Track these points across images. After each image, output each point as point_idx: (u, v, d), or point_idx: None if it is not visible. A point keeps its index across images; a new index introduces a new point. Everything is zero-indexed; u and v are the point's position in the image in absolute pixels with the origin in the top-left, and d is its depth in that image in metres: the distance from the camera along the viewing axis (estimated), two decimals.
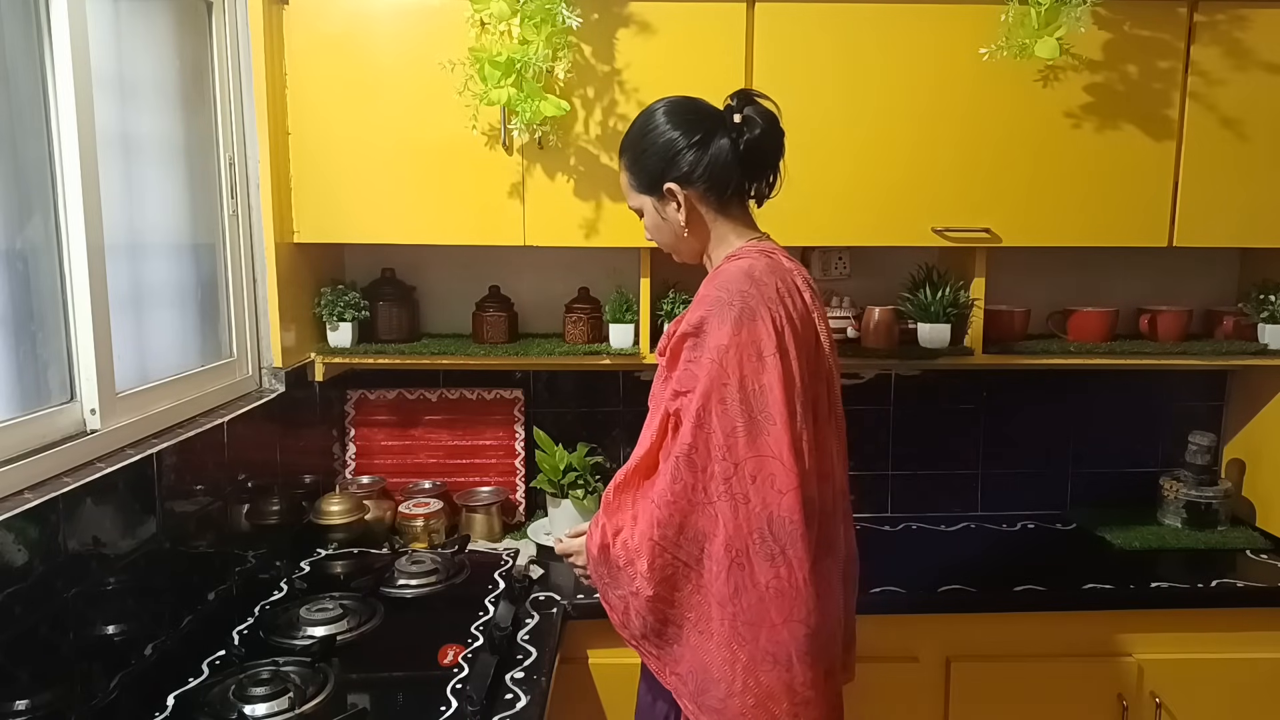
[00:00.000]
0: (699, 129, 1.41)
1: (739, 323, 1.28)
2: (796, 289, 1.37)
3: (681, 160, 1.40)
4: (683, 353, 1.35)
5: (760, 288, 1.31)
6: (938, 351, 2.13)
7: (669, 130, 1.41)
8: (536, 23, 1.82)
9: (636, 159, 1.45)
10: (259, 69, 1.88)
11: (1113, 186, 2.02)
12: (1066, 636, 1.95)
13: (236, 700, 1.39)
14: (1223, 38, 1.98)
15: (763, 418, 1.27)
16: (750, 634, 1.29)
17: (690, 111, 1.44)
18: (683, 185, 1.41)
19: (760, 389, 1.27)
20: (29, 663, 1.18)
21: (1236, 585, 1.99)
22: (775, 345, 1.28)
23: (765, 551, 1.28)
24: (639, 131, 1.45)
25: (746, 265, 1.35)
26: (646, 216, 1.49)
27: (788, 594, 1.28)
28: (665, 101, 1.46)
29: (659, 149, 1.41)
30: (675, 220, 1.44)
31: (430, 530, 2.16)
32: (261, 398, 1.90)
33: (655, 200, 1.45)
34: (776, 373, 1.27)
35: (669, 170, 1.41)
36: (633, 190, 1.48)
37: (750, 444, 1.27)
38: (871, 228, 2.04)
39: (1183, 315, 2.22)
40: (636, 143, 1.45)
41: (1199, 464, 2.27)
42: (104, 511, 1.35)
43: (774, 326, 1.29)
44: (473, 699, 1.43)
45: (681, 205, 1.42)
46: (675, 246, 1.50)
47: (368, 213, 2.00)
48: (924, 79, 1.98)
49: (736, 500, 1.28)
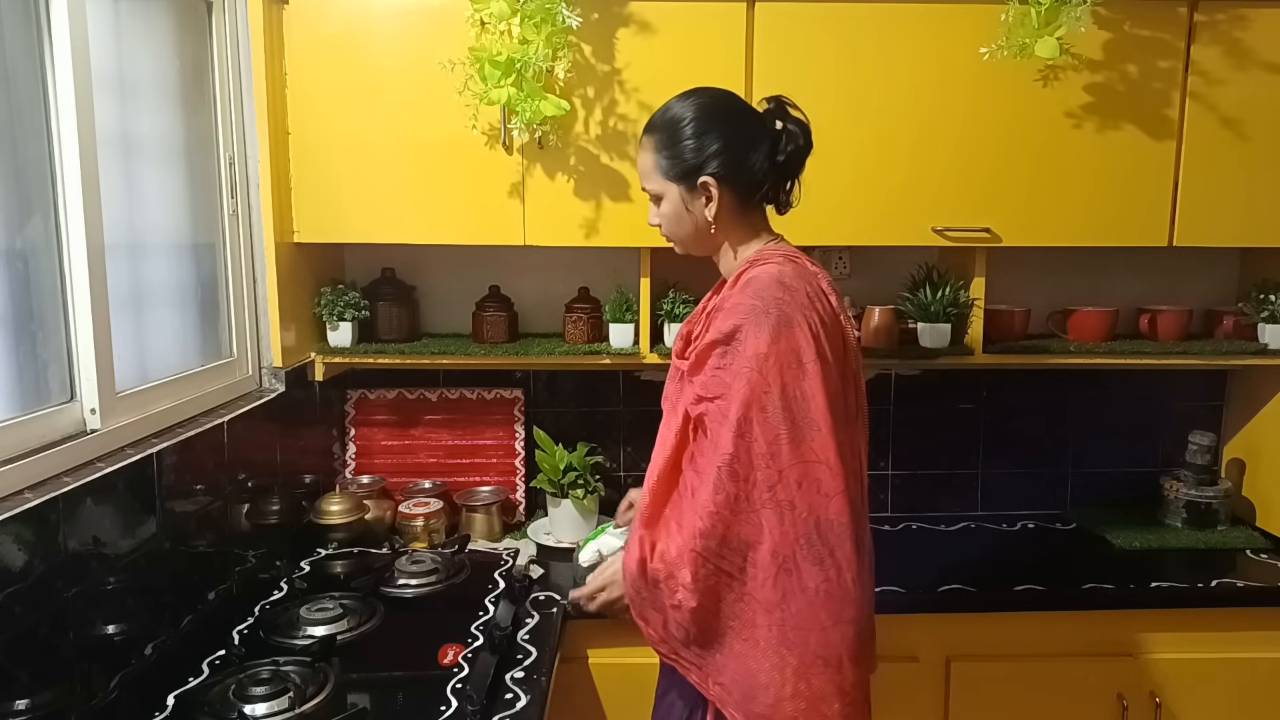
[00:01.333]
0: (746, 129, 1.40)
1: (777, 330, 1.28)
2: (823, 292, 1.37)
3: (726, 157, 1.38)
4: (710, 359, 1.34)
5: (793, 294, 1.31)
6: (938, 351, 2.13)
7: (717, 124, 1.39)
8: (536, 22, 1.82)
9: (674, 144, 1.40)
10: (259, 69, 1.88)
11: (1113, 186, 2.02)
12: (1066, 636, 1.95)
13: (236, 700, 1.39)
14: (1223, 37, 1.98)
15: (805, 424, 1.27)
16: (800, 638, 1.30)
17: (739, 109, 1.43)
18: (720, 182, 1.39)
19: (802, 395, 1.27)
20: (29, 662, 1.18)
21: (1236, 585, 1.99)
22: (815, 351, 1.28)
23: (814, 555, 1.28)
24: (676, 120, 1.41)
25: (776, 271, 1.34)
26: (667, 204, 1.44)
27: (836, 595, 1.29)
28: (709, 93, 1.44)
29: (703, 141, 1.39)
30: (702, 214, 1.42)
31: (430, 530, 2.16)
32: (261, 397, 1.90)
33: (684, 190, 1.42)
34: (818, 379, 1.28)
35: (710, 164, 1.39)
36: (658, 175, 1.43)
37: (794, 450, 1.27)
38: (871, 227, 2.04)
39: (1183, 315, 2.22)
40: (677, 129, 1.40)
41: (1199, 464, 2.27)
42: (104, 511, 1.35)
43: (811, 332, 1.29)
44: (473, 699, 1.43)
45: (714, 200, 1.40)
46: (690, 239, 1.47)
47: (368, 212, 2.00)
48: (924, 79, 1.98)
49: (782, 507, 1.28)
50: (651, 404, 1.30)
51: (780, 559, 1.28)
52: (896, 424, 2.44)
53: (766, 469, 1.28)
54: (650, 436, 1.51)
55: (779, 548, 1.28)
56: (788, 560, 1.28)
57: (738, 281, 1.38)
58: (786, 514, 1.28)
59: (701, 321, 1.45)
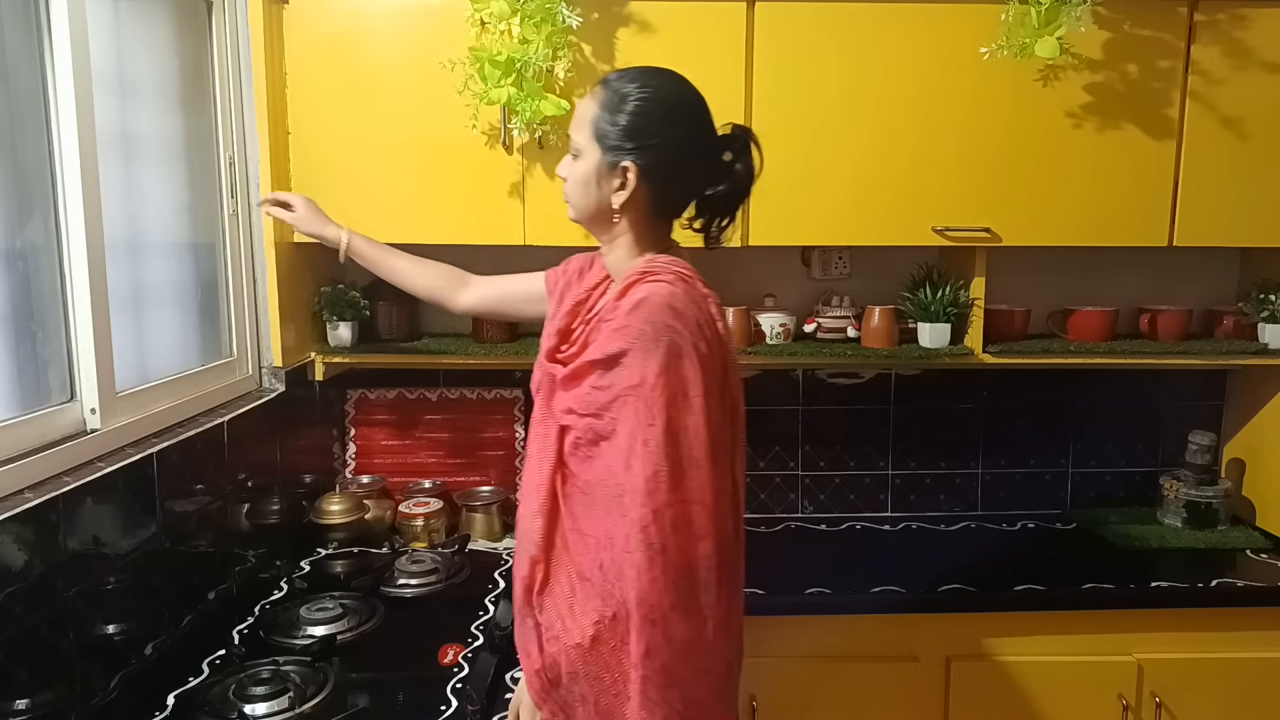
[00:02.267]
0: (695, 142, 1.32)
1: (667, 361, 1.19)
2: (712, 319, 1.28)
3: (660, 156, 1.29)
4: (590, 377, 1.26)
5: (685, 321, 1.22)
6: (938, 351, 2.13)
7: (670, 119, 1.30)
8: (536, 22, 1.82)
9: (614, 112, 1.29)
10: (259, 69, 1.88)
11: (1113, 186, 2.02)
12: (1066, 636, 1.95)
13: (236, 700, 1.39)
14: (1223, 37, 1.98)
15: (687, 460, 1.19)
16: (661, 696, 1.19)
17: (700, 119, 1.34)
18: (642, 177, 1.29)
19: (685, 430, 1.19)
20: (29, 662, 1.18)
21: (1236, 585, 1.99)
22: (702, 386, 1.21)
23: (681, 604, 1.19)
24: (640, 89, 1.29)
25: (668, 294, 1.23)
26: (582, 164, 1.33)
27: (699, 648, 1.21)
28: (681, 86, 1.33)
29: (648, 125, 1.28)
30: (607, 197, 1.32)
31: (430, 530, 2.16)
32: (261, 397, 1.90)
33: (604, 161, 1.30)
34: (702, 414, 1.20)
35: (644, 155, 1.28)
36: (589, 130, 1.31)
37: (673, 489, 1.18)
38: (872, 227, 2.04)
39: (1183, 315, 2.22)
40: (630, 97, 1.29)
41: (1199, 463, 2.27)
42: (104, 511, 1.35)
43: (699, 364, 1.21)
44: (473, 698, 1.43)
45: (626, 190, 1.30)
46: (587, 213, 1.36)
47: (368, 212, 2.00)
48: (924, 79, 1.98)
49: (653, 550, 1.17)
50: None
51: (646, 609, 1.18)
52: (896, 424, 2.44)
53: (642, 508, 1.18)
54: None
55: (646, 595, 1.18)
56: (654, 610, 1.18)
57: (625, 294, 1.27)
58: (657, 559, 1.17)
59: (582, 324, 1.36)
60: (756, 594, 1.93)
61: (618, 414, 1.22)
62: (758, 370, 2.39)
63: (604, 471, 1.24)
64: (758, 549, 2.23)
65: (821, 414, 2.43)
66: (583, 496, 1.28)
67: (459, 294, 1.79)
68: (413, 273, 1.79)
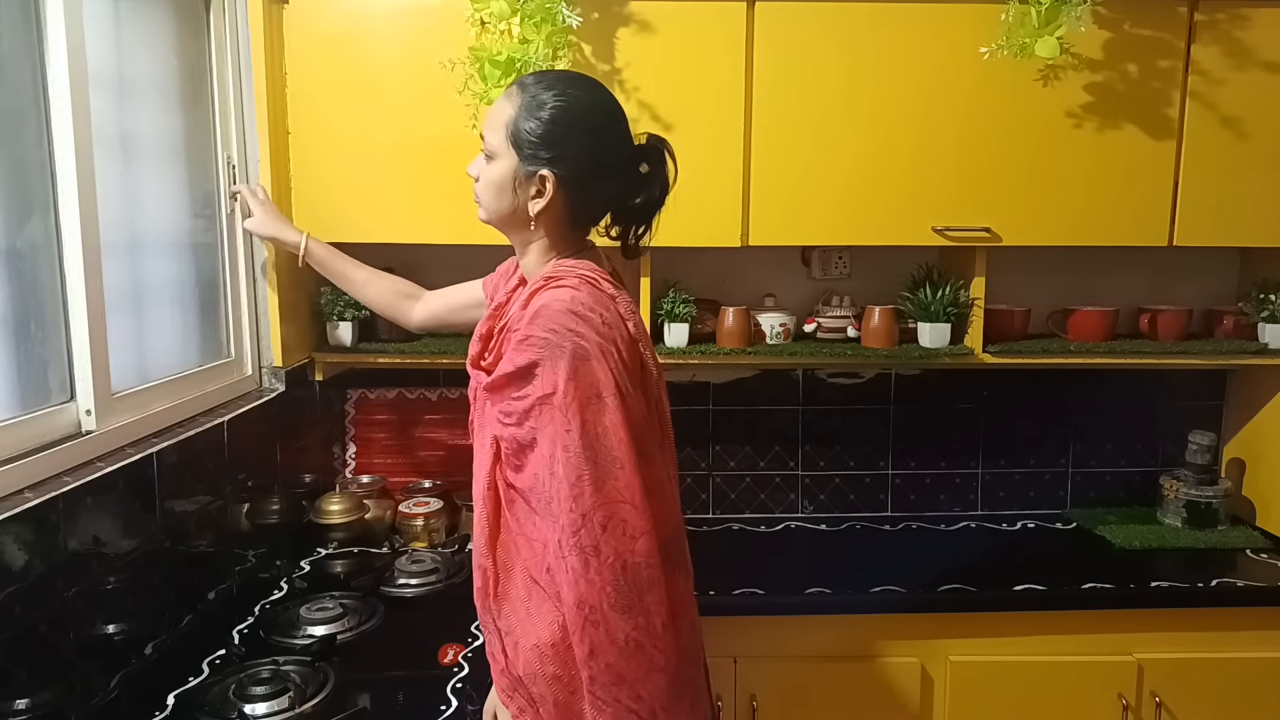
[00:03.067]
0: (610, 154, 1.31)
1: (573, 366, 1.18)
2: (621, 319, 1.26)
3: (575, 167, 1.27)
4: (507, 389, 1.25)
5: (588, 323, 1.21)
6: (938, 351, 2.13)
7: (589, 126, 1.28)
8: (536, 22, 1.82)
9: (531, 118, 1.26)
10: (259, 69, 1.88)
11: (1113, 186, 2.02)
12: (1066, 636, 1.95)
13: (237, 699, 1.39)
14: (1223, 37, 1.98)
15: (608, 462, 1.18)
16: (609, 695, 1.19)
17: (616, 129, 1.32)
18: (561, 187, 1.27)
19: (603, 431, 1.18)
20: (29, 662, 1.18)
21: (1236, 585, 1.99)
22: (614, 385, 1.19)
23: (622, 603, 1.18)
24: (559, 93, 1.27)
25: (569, 299, 1.22)
26: (495, 166, 1.30)
27: (645, 645, 1.19)
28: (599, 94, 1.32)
29: (566, 133, 1.26)
30: (524, 203, 1.29)
31: (430, 529, 2.16)
32: (261, 397, 1.90)
33: (520, 167, 1.28)
34: (619, 413, 1.19)
35: (558, 163, 1.26)
36: (504, 133, 1.28)
37: (597, 491, 1.17)
38: (871, 227, 2.04)
39: (1183, 315, 2.22)
40: (541, 105, 1.26)
41: (1199, 463, 2.27)
42: (104, 511, 1.35)
43: (609, 365, 1.20)
44: (473, 698, 1.43)
45: (545, 198, 1.28)
46: (502, 217, 1.33)
47: (367, 212, 2.00)
48: (924, 78, 1.98)
49: (586, 554, 1.17)
50: None
51: (587, 610, 1.18)
52: (896, 424, 2.44)
53: (570, 512, 1.18)
54: None
55: (585, 598, 1.17)
56: (594, 611, 1.17)
57: (529, 302, 1.26)
58: (592, 561, 1.17)
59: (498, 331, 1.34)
60: (756, 594, 1.93)
61: (536, 423, 1.21)
62: (758, 370, 2.39)
63: (533, 479, 1.24)
64: (758, 549, 2.24)
65: (821, 414, 2.43)
66: (521, 503, 1.28)
67: (411, 308, 1.83)
68: (368, 283, 1.84)
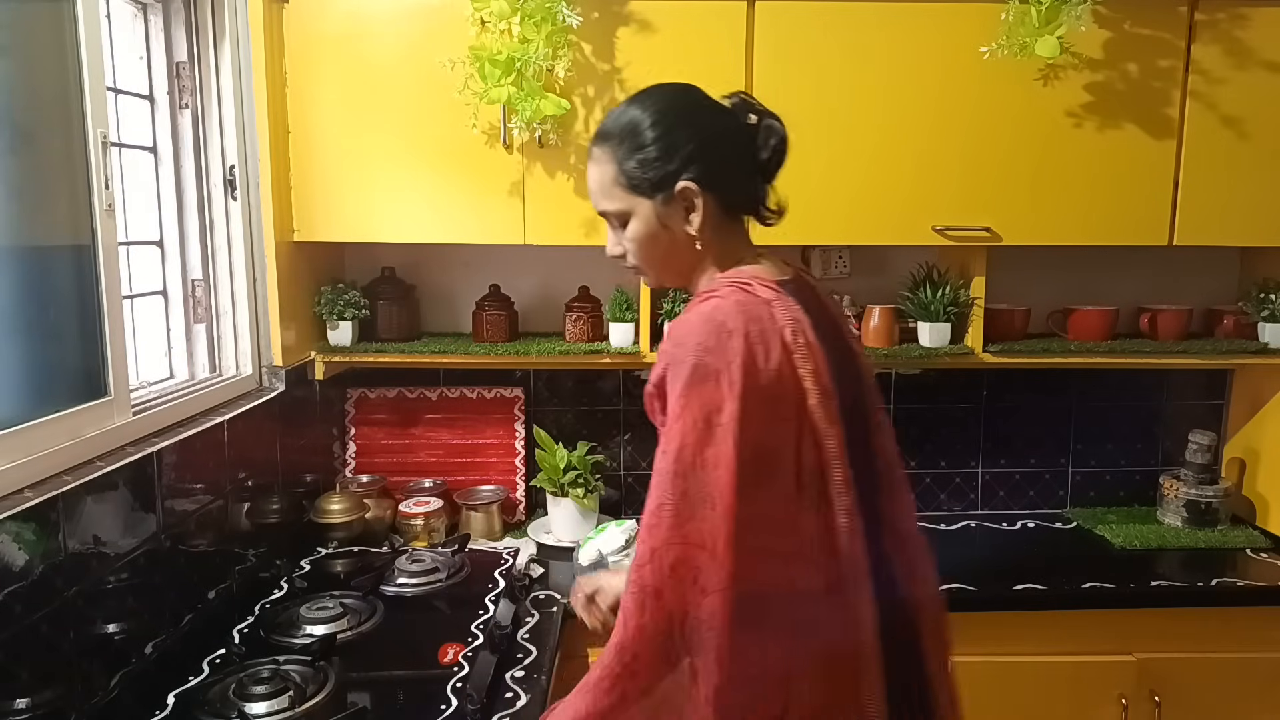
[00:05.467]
0: (721, 124, 1.20)
1: (690, 385, 1.06)
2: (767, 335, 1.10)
3: (705, 157, 1.16)
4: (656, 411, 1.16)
5: (721, 337, 1.08)
6: (938, 351, 2.13)
7: (687, 120, 1.18)
8: (536, 21, 1.82)
9: (633, 151, 1.17)
10: (259, 69, 1.88)
11: (1113, 185, 2.02)
12: (1066, 636, 1.95)
13: (237, 699, 1.39)
14: (1223, 37, 1.98)
15: (699, 497, 1.04)
16: None
17: (708, 102, 1.21)
18: (703, 187, 1.16)
19: (703, 463, 1.04)
20: (29, 661, 1.18)
21: (1236, 584, 1.99)
22: (736, 411, 1.04)
23: (665, 654, 1.05)
24: (642, 119, 1.18)
25: (709, 309, 1.12)
26: (637, 223, 1.20)
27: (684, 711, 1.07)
28: (670, 88, 1.22)
29: (675, 140, 1.16)
30: (683, 230, 1.18)
31: (430, 529, 2.16)
32: (262, 396, 1.90)
33: (658, 203, 1.18)
34: (730, 444, 1.03)
35: (687, 166, 1.16)
36: (620, 189, 1.19)
37: (676, 527, 1.04)
38: (872, 227, 2.04)
39: (1183, 314, 2.22)
40: (640, 131, 1.17)
41: (1199, 463, 2.27)
42: (104, 510, 1.35)
43: (736, 388, 1.05)
44: (473, 697, 1.43)
45: (697, 210, 1.17)
46: (666, 263, 1.23)
47: (367, 211, 2.00)
48: (923, 78, 1.98)
49: (646, 593, 1.04)
50: None
51: (627, 658, 1.04)
52: (896, 424, 2.39)
53: (641, 543, 1.06)
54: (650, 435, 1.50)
55: (628, 643, 1.04)
56: (635, 660, 1.04)
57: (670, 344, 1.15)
58: (649, 602, 1.03)
59: None
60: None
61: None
62: None
63: None
64: None
65: None
66: None
67: None
68: None
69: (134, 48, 1.72)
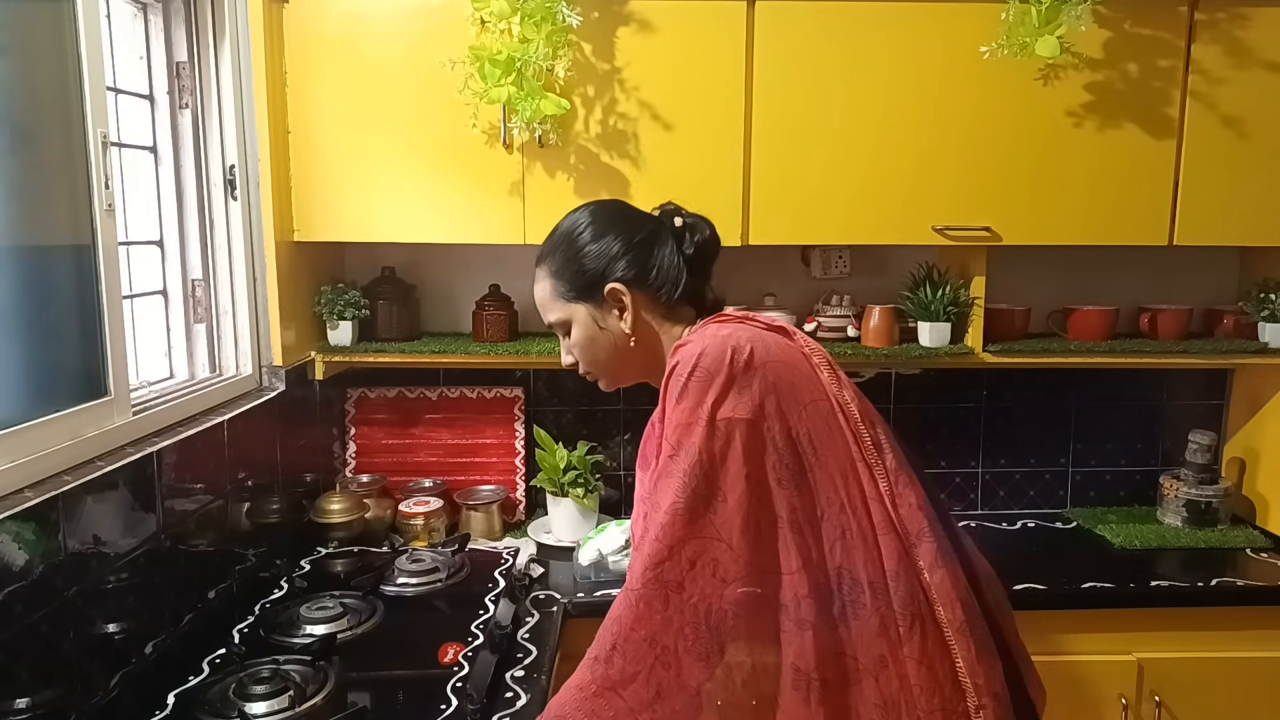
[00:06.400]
0: (639, 229, 1.31)
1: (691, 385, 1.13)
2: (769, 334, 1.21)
3: (624, 259, 1.28)
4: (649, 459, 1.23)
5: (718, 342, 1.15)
6: (938, 350, 2.13)
7: (605, 231, 1.30)
8: (537, 21, 1.82)
9: (566, 264, 1.31)
10: (259, 69, 1.88)
11: (1113, 185, 2.02)
12: (1066, 636, 1.95)
13: (237, 699, 1.39)
14: (1223, 36, 1.98)
15: (710, 492, 1.10)
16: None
17: (624, 211, 1.35)
18: (631, 286, 1.28)
19: (711, 458, 1.10)
20: (29, 661, 1.18)
21: (1237, 584, 1.99)
22: (737, 405, 1.11)
23: (699, 649, 1.08)
24: (566, 234, 1.32)
25: (712, 330, 1.20)
26: (576, 329, 1.32)
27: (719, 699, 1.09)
28: (592, 204, 1.36)
29: (598, 249, 1.29)
30: (617, 329, 1.29)
31: (430, 529, 2.16)
32: (262, 396, 1.90)
33: (591, 307, 1.30)
34: (737, 439, 1.10)
35: (611, 270, 1.28)
36: (559, 299, 1.32)
37: (690, 523, 1.09)
38: (872, 226, 2.04)
39: (1183, 314, 2.22)
40: (564, 246, 1.31)
41: (1199, 462, 2.27)
42: (104, 510, 1.35)
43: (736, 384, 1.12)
44: (473, 697, 1.43)
45: (628, 309, 1.28)
46: (611, 363, 1.34)
47: (367, 211, 2.00)
48: (923, 78, 1.98)
49: (668, 588, 1.08)
50: (651, 403, 1.27)
51: (659, 649, 1.07)
52: (896, 423, 2.43)
53: (656, 541, 1.09)
54: None
55: (658, 635, 1.08)
56: (666, 651, 1.07)
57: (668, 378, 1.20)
58: (673, 596, 1.07)
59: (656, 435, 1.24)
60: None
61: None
62: None
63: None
64: None
65: None
66: None
67: None
68: None
69: (134, 48, 1.72)
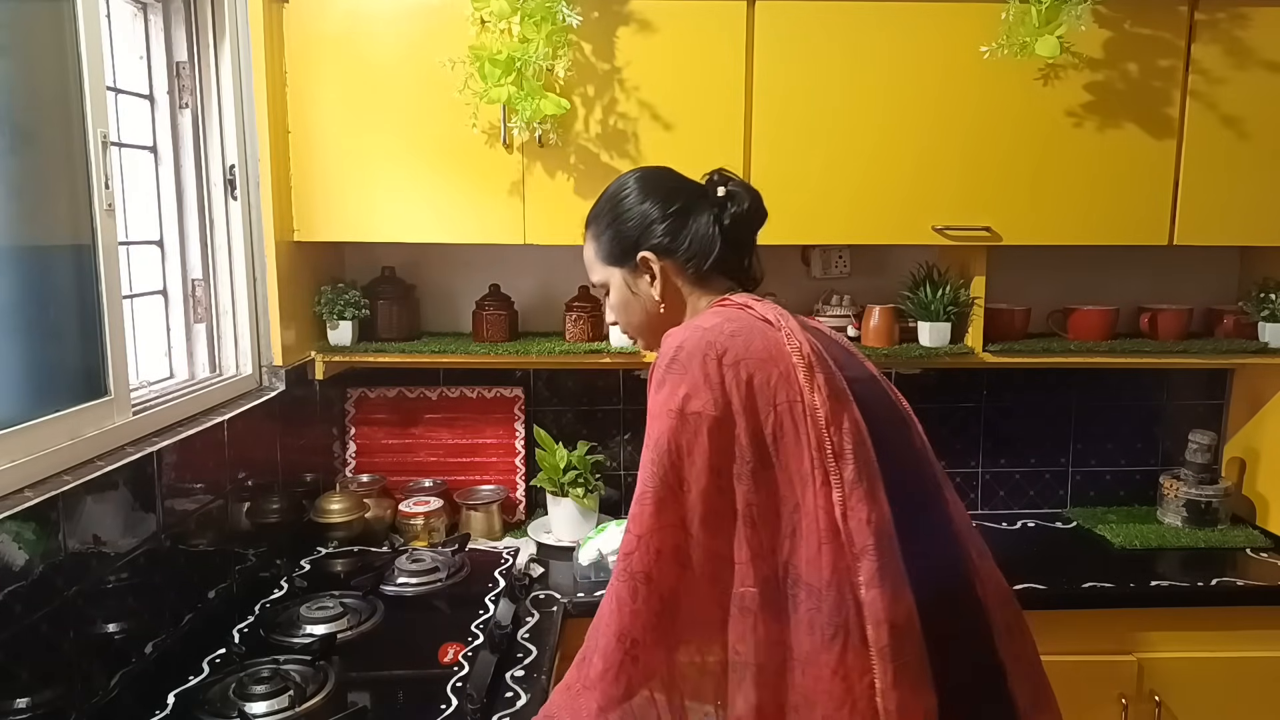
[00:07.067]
0: (679, 198, 1.32)
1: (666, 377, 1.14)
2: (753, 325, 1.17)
3: (659, 228, 1.30)
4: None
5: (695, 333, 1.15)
6: (938, 350, 2.13)
7: (646, 197, 1.32)
8: (537, 21, 1.82)
9: (607, 227, 1.34)
10: (259, 68, 1.88)
11: (1113, 185, 2.02)
12: (1066, 636, 1.95)
13: (237, 698, 1.39)
14: (1223, 36, 1.98)
15: (676, 483, 1.10)
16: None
17: (669, 180, 1.36)
18: (660, 255, 1.30)
19: (678, 450, 1.10)
20: (29, 661, 1.18)
21: (1236, 584, 1.99)
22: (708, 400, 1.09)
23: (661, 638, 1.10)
24: (611, 198, 1.35)
25: (701, 319, 1.21)
26: (613, 292, 1.36)
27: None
28: (641, 169, 1.39)
29: (634, 216, 1.31)
30: (648, 294, 1.32)
31: (430, 528, 2.16)
32: (262, 396, 1.90)
33: (626, 271, 1.33)
34: (703, 431, 1.09)
35: (645, 238, 1.30)
36: (599, 262, 1.36)
37: (658, 513, 1.09)
38: (872, 226, 2.04)
39: (1183, 314, 2.22)
40: (608, 210, 1.35)
41: (1199, 462, 2.27)
42: (104, 510, 1.35)
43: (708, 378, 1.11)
44: (473, 697, 1.43)
45: (657, 277, 1.30)
46: (644, 326, 1.36)
47: (367, 211, 2.00)
48: (923, 78, 1.98)
49: (636, 579, 1.07)
50: None
51: (627, 644, 1.06)
52: None
53: (627, 533, 1.10)
54: None
55: (628, 629, 1.07)
56: (636, 646, 1.06)
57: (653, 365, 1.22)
58: (640, 588, 1.06)
59: None
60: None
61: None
62: None
63: None
64: None
65: None
66: None
67: None
68: None
69: (134, 47, 1.72)
